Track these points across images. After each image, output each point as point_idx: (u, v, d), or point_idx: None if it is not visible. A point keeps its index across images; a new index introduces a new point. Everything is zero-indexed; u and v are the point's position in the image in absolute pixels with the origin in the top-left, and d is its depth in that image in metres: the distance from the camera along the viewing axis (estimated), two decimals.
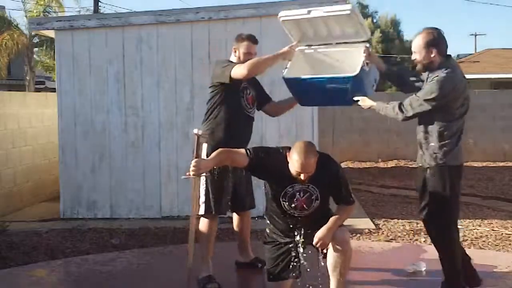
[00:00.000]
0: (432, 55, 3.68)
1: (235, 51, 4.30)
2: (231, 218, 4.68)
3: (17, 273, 4.74)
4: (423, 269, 4.46)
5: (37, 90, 20.98)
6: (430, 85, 3.64)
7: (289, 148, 3.38)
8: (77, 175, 7.03)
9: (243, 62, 4.12)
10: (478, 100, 13.24)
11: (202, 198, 4.12)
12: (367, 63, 3.91)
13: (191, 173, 3.45)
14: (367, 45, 4.01)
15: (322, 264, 3.52)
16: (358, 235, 5.99)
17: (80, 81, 7.01)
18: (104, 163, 7.01)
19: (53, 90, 10.86)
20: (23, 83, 21.18)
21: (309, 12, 4.05)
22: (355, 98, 3.97)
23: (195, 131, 3.75)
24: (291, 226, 3.52)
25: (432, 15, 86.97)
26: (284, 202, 3.44)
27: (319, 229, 3.40)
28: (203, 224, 4.19)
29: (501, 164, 12.39)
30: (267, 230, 3.71)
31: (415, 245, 5.59)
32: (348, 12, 3.83)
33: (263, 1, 7.01)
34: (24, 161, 7.95)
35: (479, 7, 70.25)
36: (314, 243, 3.40)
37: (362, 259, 5.05)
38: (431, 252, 5.07)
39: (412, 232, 6.09)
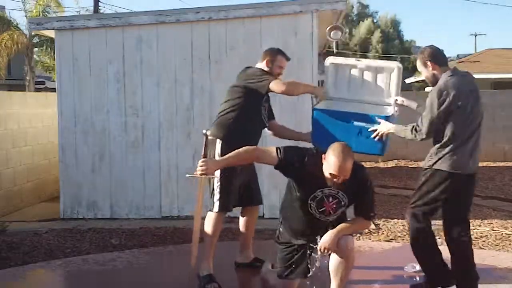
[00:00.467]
0: (431, 69, 3.83)
1: (268, 63, 4.39)
2: (231, 218, 4.68)
3: (17, 273, 4.74)
4: None
5: (37, 90, 20.97)
6: (429, 96, 3.74)
7: (323, 151, 3.32)
8: (77, 175, 7.03)
9: (275, 74, 4.32)
10: None
11: (217, 196, 4.14)
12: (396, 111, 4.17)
13: (198, 172, 3.43)
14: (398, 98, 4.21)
15: (319, 263, 3.54)
16: (358, 235, 5.98)
17: (80, 81, 7.01)
18: (104, 163, 7.01)
19: (53, 90, 10.86)
20: (23, 83, 21.18)
21: (357, 61, 4.32)
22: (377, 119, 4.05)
23: (204, 131, 3.76)
24: (309, 228, 3.50)
25: (432, 15, 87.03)
26: (312, 204, 3.39)
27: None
28: (211, 221, 4.19)
29: (501, 164, 12.38)
30: (280, 229, 3.68)
31: None
32: (395, 67, 4.21)
33: (263, 1, 7.01)
34: (24, 161, 7.95)
35: (479, 7, 70.39)
36: (318, 247, 3.39)
37: (362, 259, 5.05)
38: None
39: None
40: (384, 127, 3.98)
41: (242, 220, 4.55)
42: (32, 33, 18.56)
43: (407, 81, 26.58)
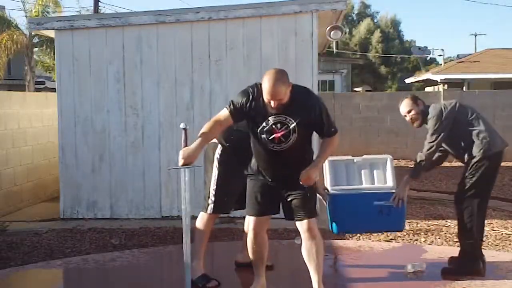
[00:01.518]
0: (419, 106, 4.38)
1: None
2: (230, 218, 4.68)
3: (17, 273, 4.74)
4: (423, 269, 4.46)
5: (37, 90, 20.98)
6: (429, 122, 4.27)
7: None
8: (77, 175, 7.02)
9: None
10: (478, 100, 13.24)
11: (212, 198, 4.13)
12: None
13: (180, 162, 3.50)
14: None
15: (298, 242, 3.61)
16: (358, 235, 5.98)
17: (80, 81, 7.00)
18: (104, 163, 7.01)
19: (53, 90, 10.86)
20: (23, 83, 21.17)
21: (354, 161, 4.56)
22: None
23: (183, 125, 3.77)
24: (271, 162, 3.56)
25: (432, 15, 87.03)
26: (262, 136, 3.47)
27: (298, 168, 3.48)
28: (203, 222, 4.19)
29: (501, 164, 12.36)
30: (251, 163, 3.73)
31: (415, 245, 5.59)
32: (387, 159, 4.54)
33: (263, 1, 7.02)
34: (24, 161, 7.95)
35: (479, 7, 70.22)
36: (300, 179, 3.46)
37: (362, 258, 5.05)
38: (431, 252, 5.10)
39: (412, 232, 6.09)
40: (399, 191, 4.36)
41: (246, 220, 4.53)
42: (32, 33, 18.55)
43: (407, 81, 26.58)
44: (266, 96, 3.36)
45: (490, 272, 4.38)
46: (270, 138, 3.45)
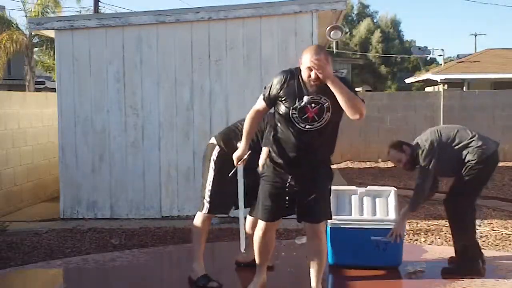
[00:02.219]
0: (406, 152, 4.42)
1: None
2: (231, 218, 4.67)
3: (17, 273, 4.74)
4: (423, 269, 4.46)
5: (37, 90, 20.98)
6: (420, 160, 4.30)
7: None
8: (77, 175, 7.03)
9: None
10: (478, 100, 13.25)
11: (208, 198, 4.13)
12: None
13: (236, 162, 3.66)
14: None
15: (298, 242, 3.58)
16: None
17: (80, 81, 7.01)
18: (104, 163, 7.01)
19: (53, 90, 10.86)
20: (23, 83, 21.18)
21: (360, 193, 4.64)
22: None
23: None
24: (301, 146, 3.46)
25: (432, 15, 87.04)
26: (294, 115, 3.41)
27: (324, 155, 3.53)
28: (199, 222, 4.19)
29: (501, 164, 12.34)
30: (268, 159, 3.64)
31: (415, 245, 5.59)
32: (391, 191, 4.59)
33: (263, 1, 7.02)
34: (24, 161, 7.95)
35: (479, 7, 70.16)
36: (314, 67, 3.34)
37: None
38: (431, 252, 5.10)
39: (412, 232, 6.09)
40: (396, 226, 4.38)
41: (249, 220, 4.54)
42: (32, 33, 18.56)
43: (407, 81, 26.57)
44: (309, 63, 3.31)
45: (490, 272, 4.38)
46: (303, 117, 3.40)
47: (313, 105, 3.39)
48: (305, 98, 3.38)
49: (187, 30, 6.95)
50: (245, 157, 3.69)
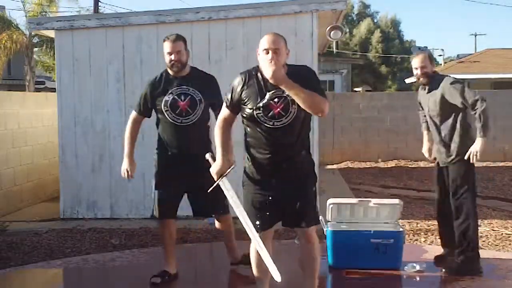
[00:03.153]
0: (433, 68, 4.47)
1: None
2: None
3: (17, 273, 4.74)
4: (423, 269, 4.46)
5: (37, 90, 20.98)
6: (456, 87, 4.31)
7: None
8: (77, 175, 7.03)
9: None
10: None
11: (155, 203, 4.39)
12: None
13: (215, 178, 3.50)
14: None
15: (298, 243, 3.53)
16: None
17: (80, 81, 7.01)
18: (104, 163, 7.01)
19: (53, 90, 10.86)
20: (23, 83, 21.19)
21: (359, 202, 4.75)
22: None
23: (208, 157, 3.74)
24: (273, 145, 3.31)
25: (432, 15, 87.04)
26: (259, 115, 3.28)
27: (300, 149, 3.38)
28: (159, 226, 4.51)
29: (501, 164, 12.37)
30: (245, 167, 3.47)
31: (415, 245, 5.59)
32: (398, 203, 4.63)
33: (263, 1, 7.01)
34: (24, 161, 7.95)
35: (479, 7, 70.34)
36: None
37: None
38: (431, 252, 5.09)
39: (412, 232, 6.09)
40: (477, 146, 4.25)
41: (218, 227, 4.60)
42: (32, 33, 18.56)
43: (407, 81, 26.55)
44: (265, 46, 3.38)
45: (490, 272, 4.39)
46: (269, 114, 3.26)
47: (276, 100, 3.27)
48: (267, 95, 3.28)
49: (187, 30, 6.91)
50: (229, 170, 3.47)
